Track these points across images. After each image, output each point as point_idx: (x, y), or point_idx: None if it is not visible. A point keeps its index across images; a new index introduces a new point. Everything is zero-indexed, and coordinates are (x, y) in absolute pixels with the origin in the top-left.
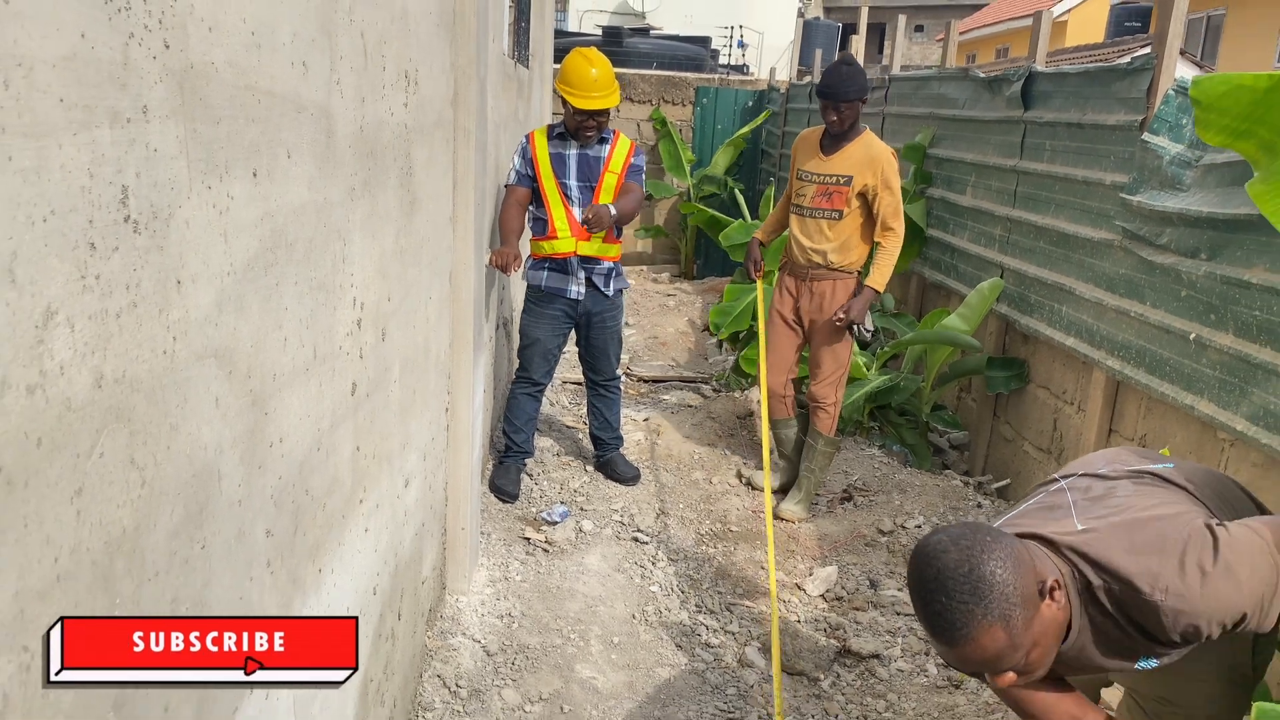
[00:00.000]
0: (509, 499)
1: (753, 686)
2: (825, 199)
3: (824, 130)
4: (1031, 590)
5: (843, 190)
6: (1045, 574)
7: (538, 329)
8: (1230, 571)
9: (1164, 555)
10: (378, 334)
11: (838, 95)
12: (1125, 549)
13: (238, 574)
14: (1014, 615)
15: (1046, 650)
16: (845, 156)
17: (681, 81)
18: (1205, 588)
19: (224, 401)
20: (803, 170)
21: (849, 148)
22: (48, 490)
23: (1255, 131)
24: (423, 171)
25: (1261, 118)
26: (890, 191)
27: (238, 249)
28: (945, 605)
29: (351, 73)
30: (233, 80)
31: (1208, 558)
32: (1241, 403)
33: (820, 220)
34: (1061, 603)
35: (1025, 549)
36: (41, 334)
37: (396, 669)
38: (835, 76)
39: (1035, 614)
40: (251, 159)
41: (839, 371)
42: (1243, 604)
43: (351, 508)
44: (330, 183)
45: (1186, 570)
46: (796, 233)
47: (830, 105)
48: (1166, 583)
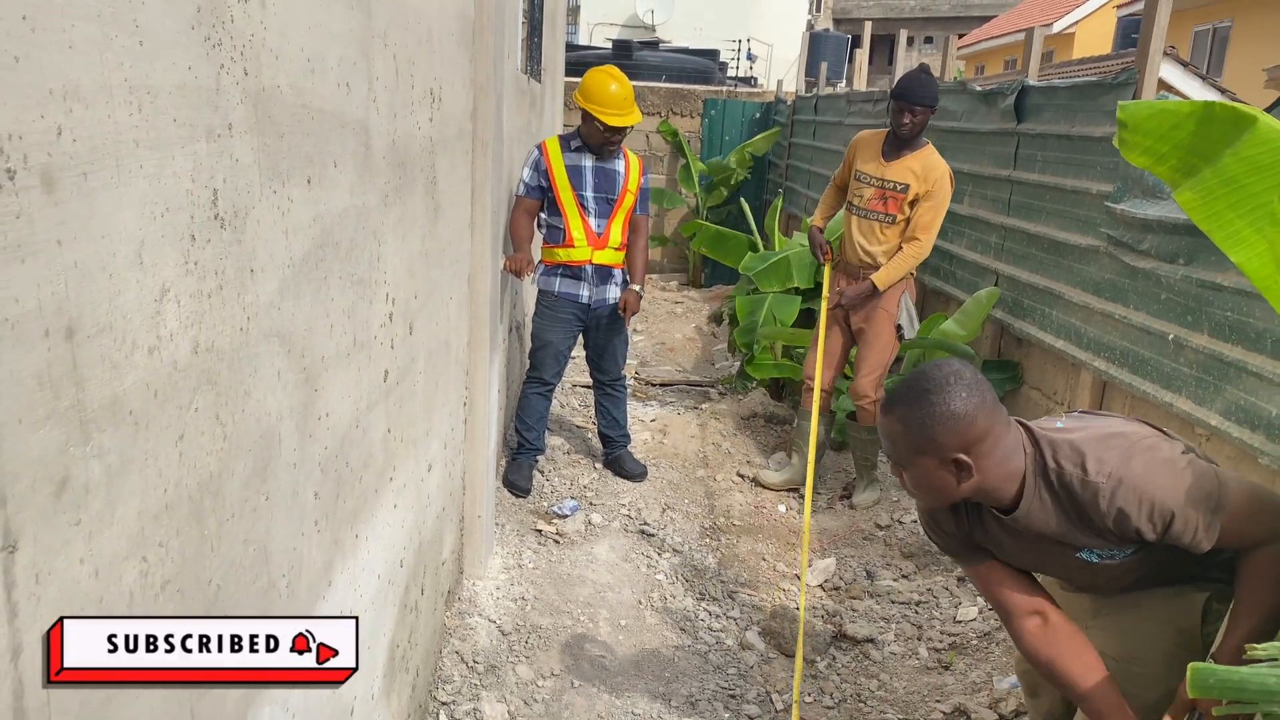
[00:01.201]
0: (522, 494)
1: (752, 667)
2: (881, 203)
3: (886, 136)
4: (949, 448)
5: (899, 197)
6: (977, 445)
7: (550, 331)
8: (1172, 465)
9: (1118, 451)
10: (406, 327)
11: (913, 99)
12: (1086, 441)
13: (292, 527)
14: (925, 438)
15: (931, 481)
16: (905, 166)
17: (690, 94)
18: (1145, 470)
19: (284, 375)
20: (861, 172)
21: (909, 159)
22: (161, 433)
23: (1174, 155)
24: (445, 180)
25: (1180, 141)
26: (932, 204)
27: (295, 245)
28: (904, 388)
29: (385, 91)
30: (293, 100)
31: (1158, 452)
32: (1216, 399)
33: (874, 222)
34: (966, 486)
35: (997, 419)
36: (159, 306)
37: (419, 640)
38: (914, 81)
39: (934, 464)
40: (306, 168)
41: (881, 370)
42: (1175, 501)
43: (383, 484)
44: (368, 189)
45: (1132, 459)
46: (855, 232)
47: (906, 108)
48: (1110, 468)
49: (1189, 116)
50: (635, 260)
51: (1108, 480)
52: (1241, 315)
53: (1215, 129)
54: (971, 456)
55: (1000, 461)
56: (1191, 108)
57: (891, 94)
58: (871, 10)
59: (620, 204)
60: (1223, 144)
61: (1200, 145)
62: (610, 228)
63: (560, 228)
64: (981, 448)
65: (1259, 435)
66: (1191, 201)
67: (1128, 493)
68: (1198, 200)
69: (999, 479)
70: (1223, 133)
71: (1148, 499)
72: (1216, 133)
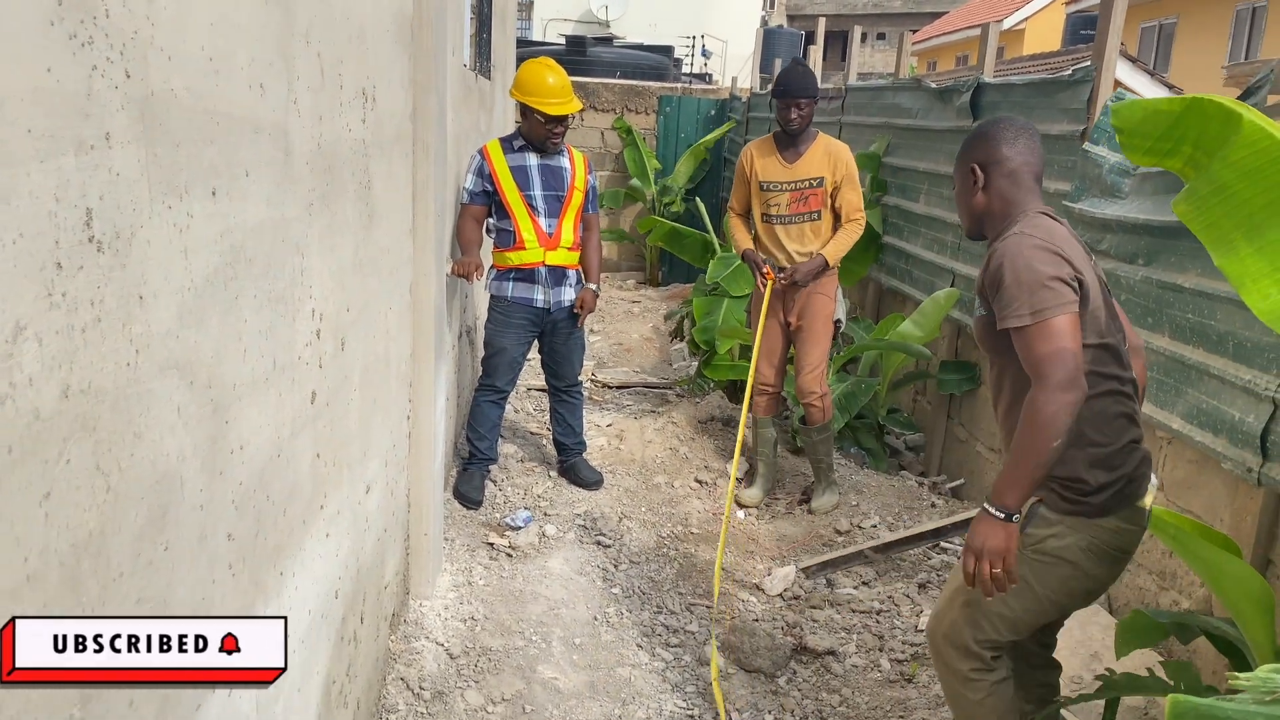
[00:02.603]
0: (473, 505)
1: (711, 684)
2: (802, 203)
3: (775, 139)
4: (975, 158)
5: (817, 192)
6: (994, 166)
7: (504, 338)
8: (1045, 262)
9: (1028, 236)
10: (337, 344)
11: (797, 92)
12: (1033, 227)
13: (200, 575)
14: (964, 149)
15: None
16: (810, 160)
17: (645, 90)
18: (1022, 247)
19: (185, 411)
20: (767, 182)
21: (810, 152)
22: (18, 494)
23: (1180, 150)
24: (381, 185)
25: (1184, 136)
26: (853, 183)
27: (197, 265)
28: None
29: (308, 92)
30: (191, 105)
31: (1048, 250)
32: (1177, 402)
33: (803, 225)
34: (979, 199)
35: (1021, 168)
36: (11, 349)
37: (360, 671)
38: (794, 75)
39: (965, 168)
40: (210, 179)
41: (824, 364)
42: (1015, 275)
43: (312, 513)
44: (288, 199)
45: (1029, 242)
46: (785, 241)
47: (792, 103)
48: (1011, 236)
49: (1183, 115)
50: (590, 259)
51: (1003, 241)
52: (1203, 317)
53: (1210, 126)
54: (986, 174)
55: (1005, 196)
56: (1182, 105)
57: (774, 93)
58: (825, 7)
59: (569, 201)
60: (1217, 144)
61: (1204, 141)
62: (562, 227)
63: (510, 230)
64: (996, 170)
65: (1221, 439)
66: (1188, 213)
67: (1001, 251)
68: (1194, 211)
69: (999, 206)
70: (1216, 130)
71: (1009, 267)
72: (1212, 130)
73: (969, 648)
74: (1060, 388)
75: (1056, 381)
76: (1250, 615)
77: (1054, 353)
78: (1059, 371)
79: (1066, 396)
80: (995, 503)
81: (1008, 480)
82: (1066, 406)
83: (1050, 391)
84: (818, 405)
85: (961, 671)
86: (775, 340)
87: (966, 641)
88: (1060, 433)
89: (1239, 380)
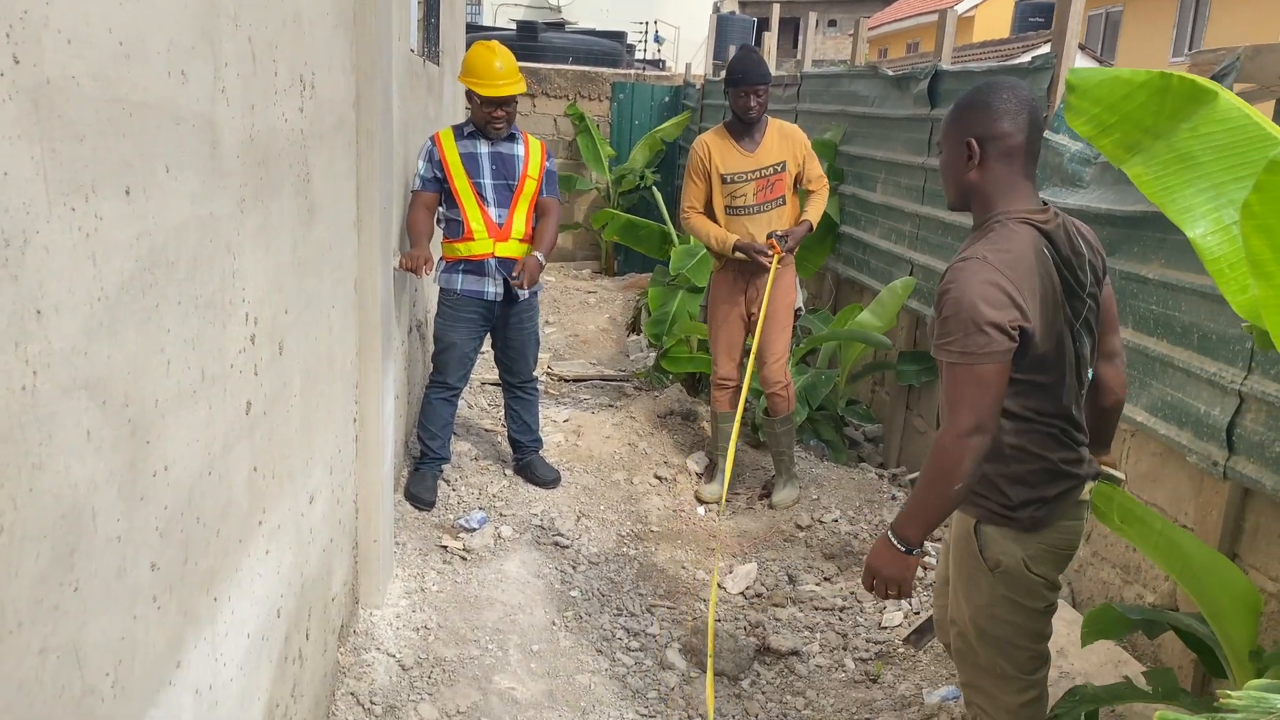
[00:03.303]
0: (425, 507)
1: (674, 689)
2: (768, 191)
3: (726, 129)
4: (974, 131)
5: (782, 177)
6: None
7: (454, 333)
8: (988, 292)
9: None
10: (274, 348)
11: (754, 79)
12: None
13: (119, 614)
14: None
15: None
16: (769, 147)
17: (598, 77)
18: (970, 278)
19: (97, 434)
20: (730, 174)
21: (767, 138)
22: None
23: (1119, 127)
24: (322, 177)
25: (1129, 113)
26: (813, 159)
27: (109, 272)
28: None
29: (239, 79)
30: (98, 94)
31: (1000, 290)
32: (1141, 395)
33: (769, 213)
34: (971, 175)
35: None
36: None
37: (306, 690)
38: (748, 62)
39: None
40: (123, 176)
41: (787, 353)
42: (957, 307)
43: (250, 531)
44: (217, 195)
45: (976, 272)
46: (751, 232)
47: (750, 91)
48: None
49: (1142, 87)
50: (544, 233)
51: (966, 261)
52: (1167, 308)
53: (1170, 102)
54: (982, 150)
55: (999, 178)
56: (1146, 78)
57: (729, 81)
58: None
59: (520, 191)
60: (1178, 118)
61: (1150, 119)
62: (512, 218)
63: (459, 220)
64: (994, 147)
65: (1186, 432)
66: (1142, 175)
67: (951, 278)
68: (1149, 175)
69: (991, 188)
70: (1178, 106)
71: (952, 286)
72: (1171, 106)
73: (1014, 677)
74: (967, 433)
75: (965, 426)
76: (1230, 614)
77: (969, 398)
78: (970, 418)
79: (970, 441)
80: (898, 534)
81: (911, 514)
82: (970, 451)
83: (958, 434)
84: (783, 395)
85: (1015, 705)
86: (736, 334)
87: (1012, 673)
88: (963, 476)
89: (1204, 373)
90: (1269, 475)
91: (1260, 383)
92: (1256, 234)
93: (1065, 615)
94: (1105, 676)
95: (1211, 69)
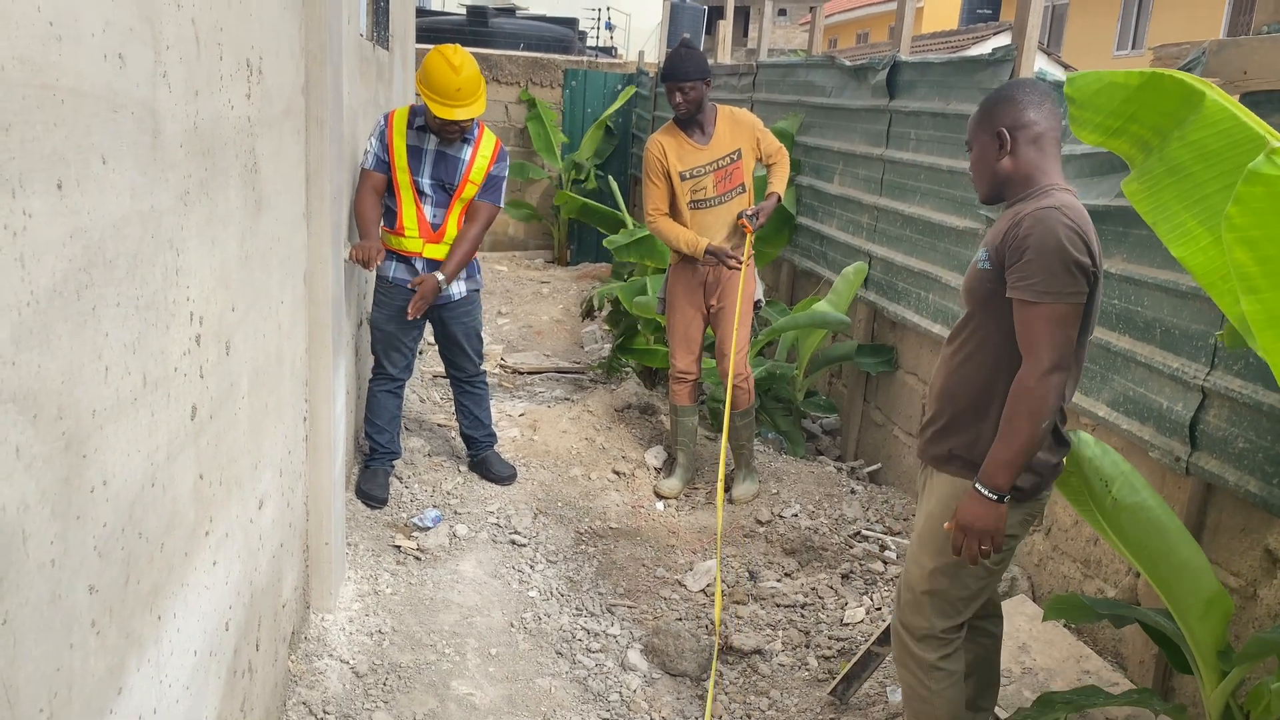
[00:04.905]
0: (377, 505)
1: (635, 691)
2: (727, 181)
3: (676, 126)
4: (1003, 122)
5: (739, 164)
6: (1020, 130)
7: (388, 321)
8: (1072, 248)
9: (1057, 220)
10: (221, 349)
11: (682, 76)
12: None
13: (54, 643)
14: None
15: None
16: (721, 136)
17: (550, 63)
18: (1054, 229)
19: (27, 451)
20: (688, 170)
21: (719, 128)
22: None
23: (1128, 129)
24: (270, 167)
25: (1134, 114)
26: (767, 135)
27: (39, 274)
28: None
29: (181, 64)
30: (24, 80)
31: (1079, 236)
32: (1103, 390)
33: (730, 202)
34: (1005, 163)
35: (1045, 131)
36: None
37: (256, 703)
38: (680, 59)
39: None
40: (55, 169)
41: (748, 345)
42: (1040, 250)
43: (196, 542)
44: (158, 188)
45: (1061, 225)
46: (713, 224)
47: (675, 88)
48: (1042, 211)
49: (1139, 89)
50: (459, 245)
51: (1038, 209)
52: (1129, 303)
53: (1166, 103)
54: (1013, 138)
55: (1032, 161)
56: (1141, 79)
57: (660, 78)
58: None
59: (460, 195)
60: (1173, 123)
61: (1154, 118)
62: (448, 220)
63: (394, 210)
64: (1023, 134)
65: (1149, 428)
66: (1138, 193)
67: (1028, 231)
68: (1144, 191)
69: (1026, 170)
70: (1173, 108)
71: (1034, 247)
72: (1168, 107)
73: (938, 635)
74: (1048, 370)
75: (1049, 364)
76: (1200, 617)
77: (1049, 336)
78: (1053, 355)
79: (1052, 378)
80: (987, 484)
81: (998, 461)
82: (1055, 389)
83: (1041, 374)
84: (743, 388)
85: (930, 661)
86: (695, 327)
87: (936, 630)
88: (1049, 413)
89: (1167, 368)
90: (1231, 471)
91: (1223, 378)
92: (1239, 246)
93: (1026, 610)
94: (1067, 671)
95: (1175, 64)
